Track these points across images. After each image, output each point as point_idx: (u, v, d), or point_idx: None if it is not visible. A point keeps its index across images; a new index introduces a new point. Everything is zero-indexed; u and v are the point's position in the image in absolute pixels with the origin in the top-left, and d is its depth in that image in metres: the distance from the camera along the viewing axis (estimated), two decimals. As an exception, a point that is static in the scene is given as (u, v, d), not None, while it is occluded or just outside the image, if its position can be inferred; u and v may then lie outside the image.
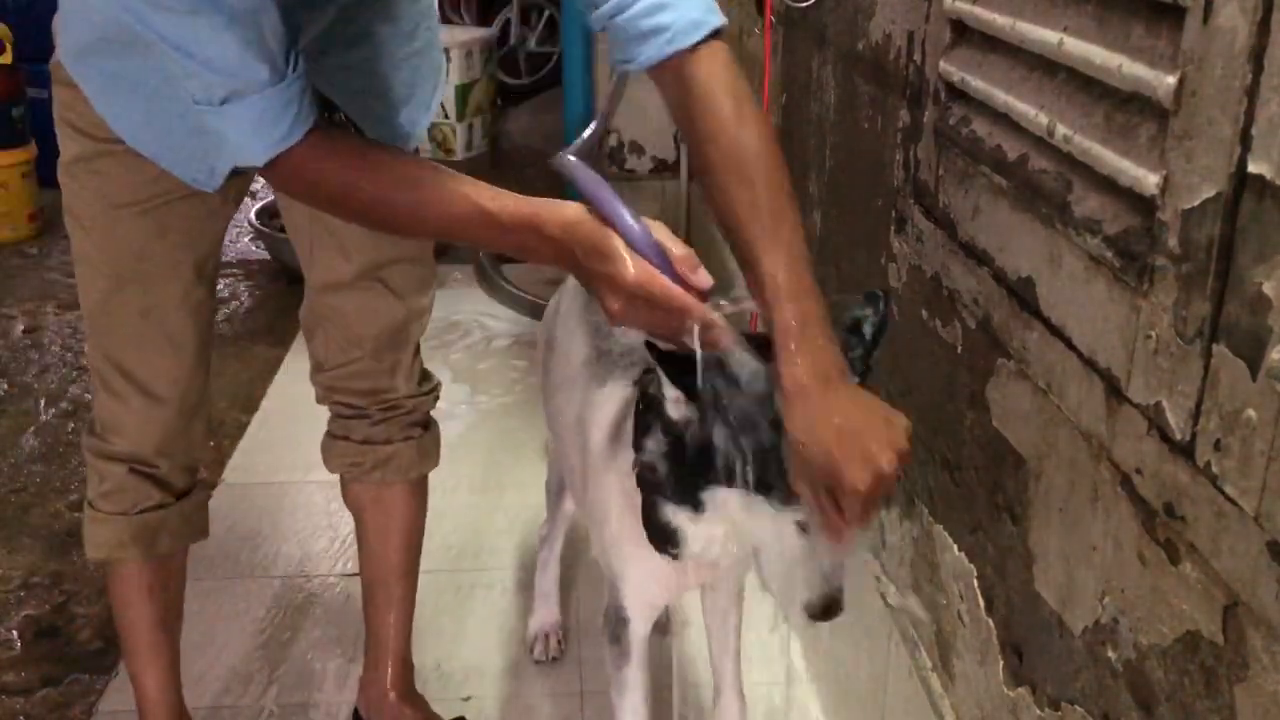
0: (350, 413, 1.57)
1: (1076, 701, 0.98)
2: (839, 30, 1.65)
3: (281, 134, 1.09)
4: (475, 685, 1.86)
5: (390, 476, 1.59)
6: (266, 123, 1.08)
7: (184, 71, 1.06)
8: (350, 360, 1.52)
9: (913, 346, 1.35)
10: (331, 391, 1.57)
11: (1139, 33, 0.80)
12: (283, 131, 1.09)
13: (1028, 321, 1.00)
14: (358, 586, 2.10)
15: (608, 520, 1.30)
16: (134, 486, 1.42)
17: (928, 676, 1.35)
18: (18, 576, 2.14)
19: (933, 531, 1.32)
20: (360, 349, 1.51)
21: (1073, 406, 0.92)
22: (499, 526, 2.30)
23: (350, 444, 1.58)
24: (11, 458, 2.58)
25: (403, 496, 1.64)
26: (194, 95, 1.07)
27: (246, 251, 3.85)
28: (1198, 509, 0.75)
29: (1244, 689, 0.73)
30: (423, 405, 1.60)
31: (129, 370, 1.37)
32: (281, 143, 1.09)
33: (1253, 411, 0.68)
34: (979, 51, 1.11)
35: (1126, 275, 0.82)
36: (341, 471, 1.61)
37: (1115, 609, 0.90)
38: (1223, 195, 0.70)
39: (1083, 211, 0.88)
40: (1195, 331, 0.74)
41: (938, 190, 1.22)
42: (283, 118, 1.08)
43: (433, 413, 1.65)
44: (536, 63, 5.88)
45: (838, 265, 1.70)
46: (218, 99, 1.06)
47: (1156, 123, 0.78)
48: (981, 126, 1.09)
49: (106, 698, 1.82)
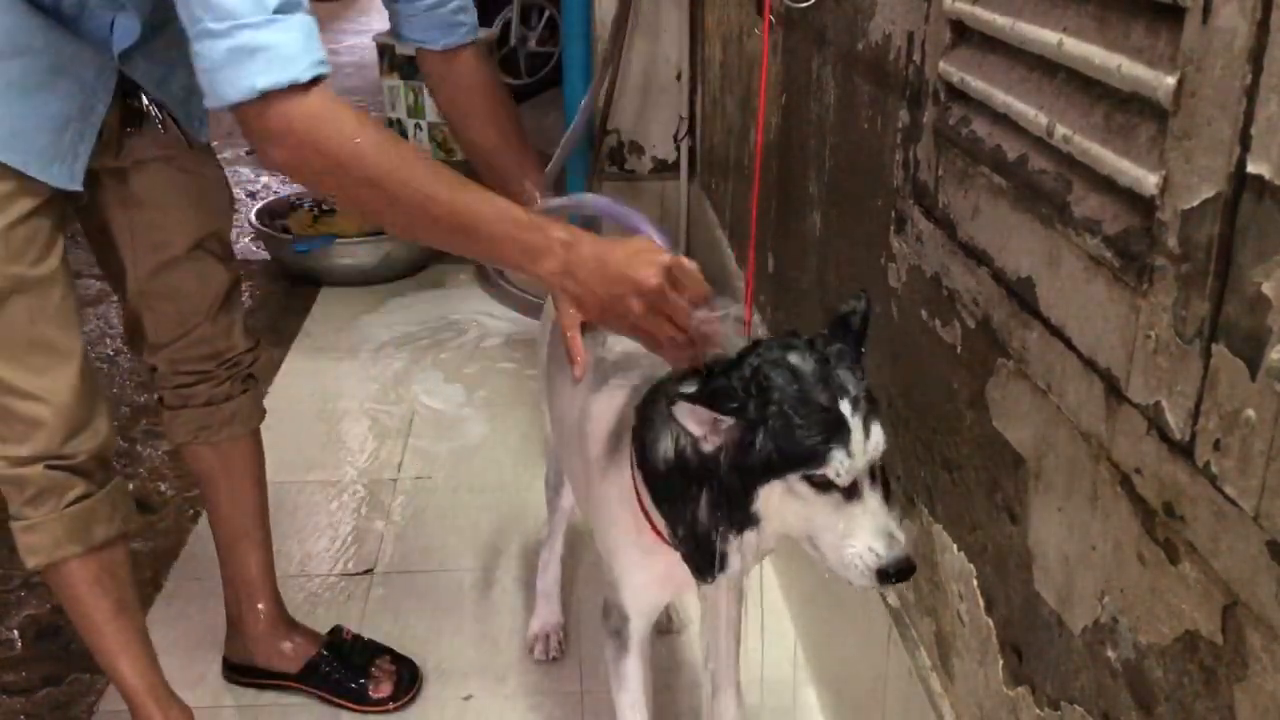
0: (192, 379, 1.64)
1: (1076, 701, 0.98)
2: (839, 30, 1.65)
3: (321, 55, 1.08)
4: (475, 685, 1.86)
5: (238, 430, 1.70)
6: (314, 36, 1.07)
7: None
8: (190, 329, 1.59)
9: (912, 346, 1.36)
10: (175, 364, 1.63)
11: (1139, 33, 0.80)
12: (320, 53, 1.08)
13: (1027, 321, 1.00)
14: (358, 586, 2.10)
15: (609, 525, 1.30)
16: (56, 483, 1.42)
17: (927, 676, 1.35)
18: (18, 576, 2.14)
19: (932, 531, 1.32)
20: (199, 315, 1.59)
21: (1072, 406, 0.92)
22: (499, 527, 2.30)
23: (194, 410, 1.66)
24: (12, 458, 2.59)
25: (249, 446, 1.75)
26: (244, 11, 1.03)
27: (246, 251, 3.85)
28: (1197, 509, 0.75)
29: (1243, 689, 0.73)
30: (258, 357, 1.71)
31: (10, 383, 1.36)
32: (322, 64, 1.08)
33: (1252, 411, 0.68)
34: (979, 52, 1.11)
35: (1126, 275, 0.82)
36: (189, 439, 1.68)
37: (1115, 609, 0.90)
38: (1222, 195, 0.70)
39: (1082, 211, 0.88)
40: (1195, 331, 0.74)
41: (937, 190, 1.22)
42: (318, 41, 1.09)
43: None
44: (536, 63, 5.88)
45: (838, 265, 1.70)
46: (271, 7, 1.04)
47: (1156, 123, 0.78)
48: (981, 127, 1.09)
49: (107, 697, 1.82)
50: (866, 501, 1.05)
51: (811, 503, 1.06)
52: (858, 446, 1.03)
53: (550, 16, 5.73)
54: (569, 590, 2.03)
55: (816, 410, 1.03)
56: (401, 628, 1.97)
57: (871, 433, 1.04)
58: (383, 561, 2.18)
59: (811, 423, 1.03)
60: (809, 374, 1.05)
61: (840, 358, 1.08)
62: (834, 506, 1.05)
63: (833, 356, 1.07)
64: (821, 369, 1.06)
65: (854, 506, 1.05)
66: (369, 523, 2.31)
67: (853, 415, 1.03)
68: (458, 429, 2.65)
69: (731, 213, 2.76)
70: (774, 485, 1.06)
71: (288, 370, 2.96)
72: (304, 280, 3.51)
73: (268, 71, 1.05)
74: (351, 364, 3.02)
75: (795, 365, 1.06)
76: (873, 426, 1.04)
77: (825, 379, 1.05)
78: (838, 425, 1.03)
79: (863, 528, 1.05)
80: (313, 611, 2.01)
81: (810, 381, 1.05)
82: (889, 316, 1.44)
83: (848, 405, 1.03)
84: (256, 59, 1.05)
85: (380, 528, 2.28)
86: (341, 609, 2.03)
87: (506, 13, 5.69)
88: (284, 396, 2.81)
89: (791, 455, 1.04)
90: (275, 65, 1.05)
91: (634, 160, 3.40)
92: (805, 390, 1.04)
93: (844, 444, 1.02)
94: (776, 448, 1.04)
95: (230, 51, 1.05)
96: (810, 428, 1.03)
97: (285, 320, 3.26)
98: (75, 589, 1.51)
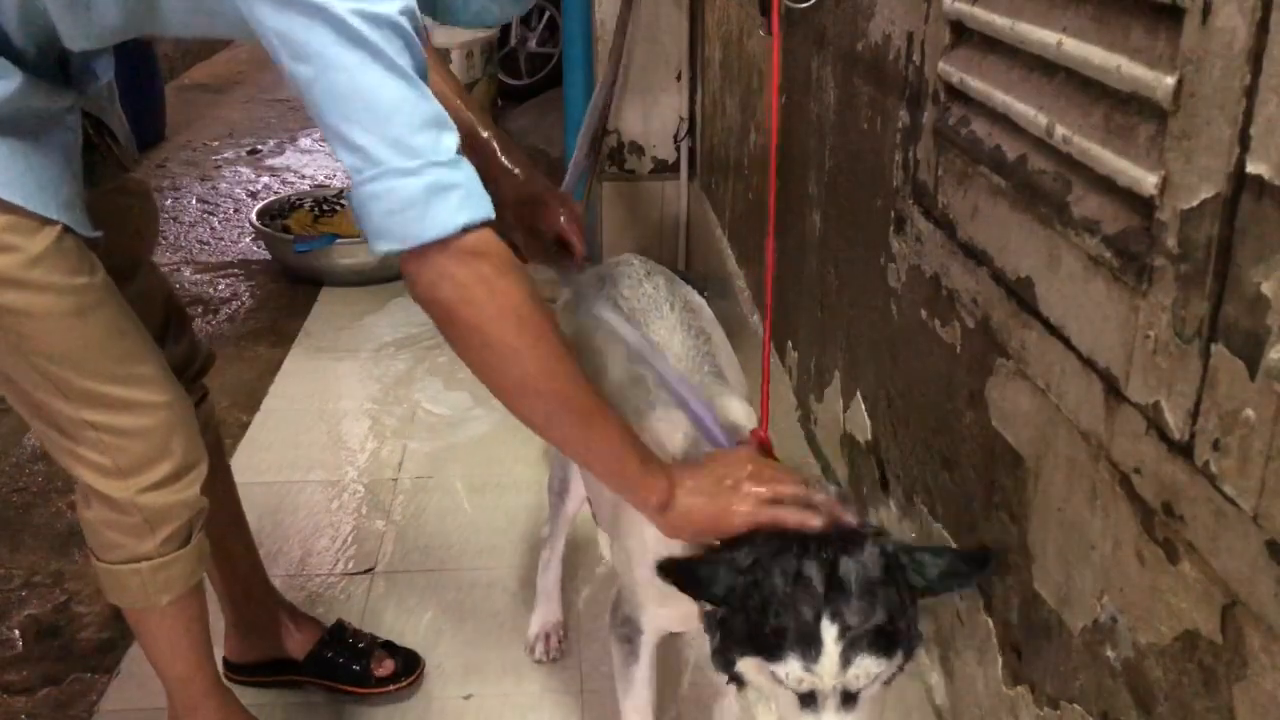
0: None
1: (1076, 700, 0.98)
2: (839, 31, 1.65)
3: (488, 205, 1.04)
4: (475, 685, 1.86)
5: (210, 433, 1.62)
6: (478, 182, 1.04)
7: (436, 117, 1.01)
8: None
9: (912, 346, 1.36)
10: None
11: (1138, 33, 0.81)
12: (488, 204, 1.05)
13: (1027, 321, 1.00)
14: (358, 586, 2.10)
15: (639, 557, 1.27)
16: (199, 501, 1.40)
17: (927, 676, 1.35)
18: (19, 576, 2.14)
19: (931, 531, 1.32)
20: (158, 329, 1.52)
21: (1071, 406, 0.92)
22: (499, 526, 2.30)
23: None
24: (13, 457, 2.59)
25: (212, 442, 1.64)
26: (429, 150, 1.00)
27: (247, 251, 3.85)
28: (1196, 508, 0.75)
29: (1242, 688, 0.73)
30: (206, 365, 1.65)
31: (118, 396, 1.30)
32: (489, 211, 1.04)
33: (1251, 411, 0.68)
34: (978, 52, 1.11)
35: (1125, 275, 0.82)
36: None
37: (1114, 608, 0.90)
38: (1221, 195, 0.70)
39: (1082, 211, 0.88)
40: (1194, 331, 0.74)
41: (937, 190, 1.22)
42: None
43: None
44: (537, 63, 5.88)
45: (837, 265, 1.70)
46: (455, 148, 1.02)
47: (1155, 123, 0.78)
48: (981, 127, 1.09)
49: (108, 697, 1.82)
50: (821, 717, 1.03)
51: (775, 691, 1.06)
52: (825, 670, 1.01)
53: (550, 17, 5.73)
54: (569, 590, 2.03)
55: (792, 618, 1.01)
56: (402, 627, 1.97)
57: (854, 665, 1.01)
58: (383, 561, 2.18)
59: (781, 622, 1.02)
60: (813, 584, 1.03)
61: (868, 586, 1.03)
62: (791, 705, 1.05)
63: (854, 580, 1.03)
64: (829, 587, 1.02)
65: (806, 717, 1.04)
66: (369, 523, 2.31)
67: (834, 641, 1.00)
68: (458, 429, 2.65)
69: (731, 213, 2.76)
70: (748, 659, 1.06)
71: (288, 370, 2.95)
72: (305, 280, 3.51)
73: (465, 208, 1.01)
74: (352, 364, 3.02)
75: (799, 572, 1.03)
76: (858, 659, 1.01)
77: (823, 599, 1.02)
78: (806, 639, 1.01)
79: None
80: (313, 611, 2.01)
81: (807, 592, 1.02)
82: (889, 316, 1.44)
83: (832, 630, 1.01)
84: (452, 196, 1.01)
85: (380, 527, 2.28)
86: (342, 609, 2.03)
87: (507, 13, 5.69)
88: (284, 396, 2.81)
89: (756, 639, 1.04)
90: (471, 202, 1.02)
91: (634, 160, 3.40)
92: (792, 598, 1.02)
93: (804, 658, 1.01)
94: (747, 628, 1.05)
95: (428, 190, 1.00)
96: (778, 629, 1.02)
97: (286, 320, 3.26)
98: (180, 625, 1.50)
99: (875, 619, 1.02)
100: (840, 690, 1.02)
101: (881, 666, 1.02)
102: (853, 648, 1.01)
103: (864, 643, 1.01)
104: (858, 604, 1.02)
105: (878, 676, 1.03)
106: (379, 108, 0.98)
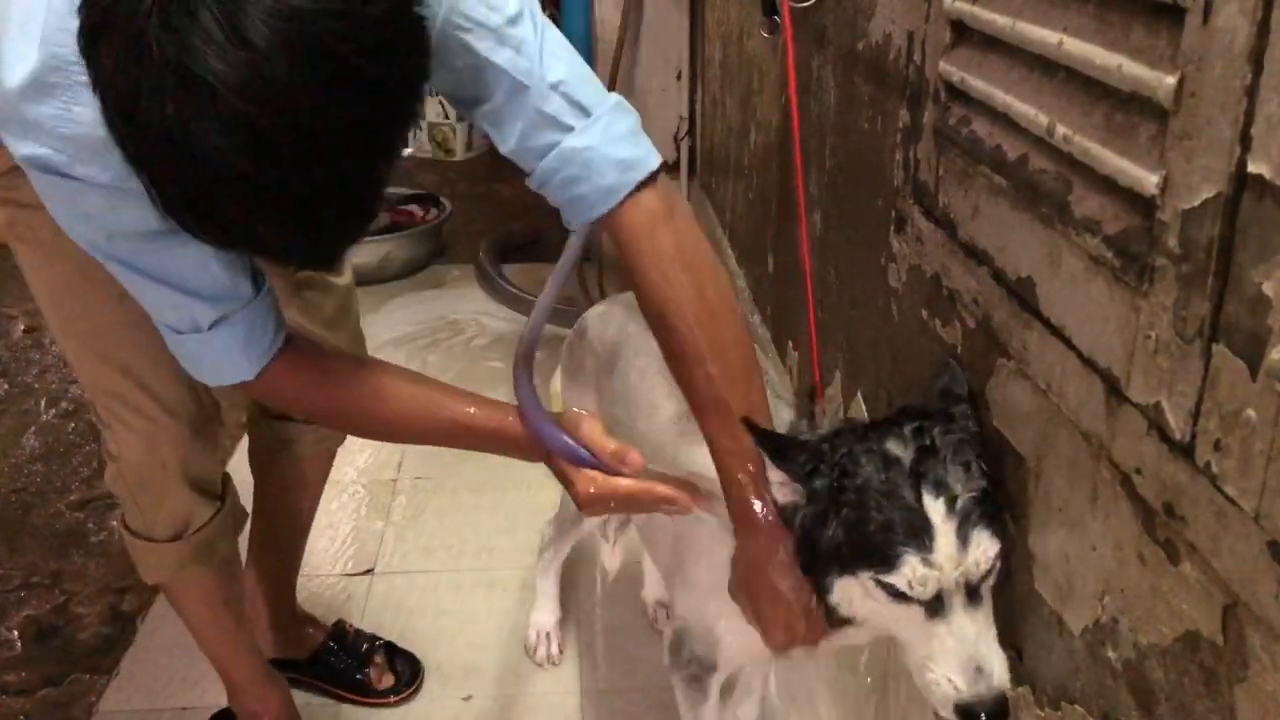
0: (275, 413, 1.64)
1: (1076, 701, 0.98)
2: (839, 30, 1.65)
3: (269, 343, 1.12)
4: (475, 685, 1.86)
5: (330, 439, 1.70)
6: (255, 336, 1.10)
7: (169, 304, 1.06)
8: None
9: (913, 346, 1.35)
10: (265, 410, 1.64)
11: (1139, 33, 0.80)
12: (269, 340, 1.12)
13: (1027, 321, 1.00)
14: (358, 586, 2.10)
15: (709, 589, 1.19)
16: (193, 507, 1.42)
17: (928, 676, 1.35)
18: (18, 576, 2.14)
19: (933, 531, 1.32)
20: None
21: (1072, 406, 0.92)
22: (499, 526, 2.30)
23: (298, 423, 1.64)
24: (12, 457, 2.58)
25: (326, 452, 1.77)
26: (176, 327, 1.08)
27: (247, 251, 3.85)
28: (1197, 509, 0.75)
29: (1244, 689, 0.73)
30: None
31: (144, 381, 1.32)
32: (269, 352, 1.12)
33: (1253, 411, 0.68)
34: (979, 52, 1.11)
35: (1126, 275, 0.82)
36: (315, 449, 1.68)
37: (1115, 609, 0.90)
38: (1223, 195, 0.70)
39: (1082, 211, 0.88)
40: (1195, 331, 0.74)
41: (937, 190, 1.22)
42: (268, 326, 1.11)
43: None
44: (536, 63, 5.87)
45: (838, 265, 1.70)
46: (206, 325, 1.07)
47: (1156, 123, 0.78)
48: (981, 126, 1.09)
49: (107, 697, 1.82)
50: (952, 622, 0.91)
51: (891, 611, 0.93)
52: (943, 557, 0.89)
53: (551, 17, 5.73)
54: (568, 591, 2.03)
55: (897, 506, 0.90)
56: (402, 628, 1.97)
57: (971, 543, 0.90)
58: (382, 561, 2.18)
59: (887, 519, 0.90)
60: (902, 463, 0.92)
61: (957, 449, 0.93)
62: (915, 621, 0.92)
63: (944, 446, 0.93)
64: (920, 460, 0.92)
65: (937, 626, 0.91)
66: (369, 523, 2.31)
67: (945, 519, 0.89)
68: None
69: (732, 213, 2.76)
70: (848, 580, 0.95)
71: (288, 370, 2.95)
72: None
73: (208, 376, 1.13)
74: (351, 364, 3.02)
75: (889, 452, 0.93)
76: (974, 535, 0.90)
77: (921, 472, 0.91)
78: (918, 528, 0.89)
79: (945, 653, 0.90)
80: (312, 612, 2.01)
81: (900, 472, 0.91)
82: (889, 316, 1.44)
83: (940, 506, 0.89)
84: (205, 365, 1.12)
85: (380, 528, 2.28)
86: (341, 609, 2.03)
87: (507, 13, 5.68)
88: (284, 396, 2.81)
89: (859, 552, 0.92)
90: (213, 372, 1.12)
91: (634, 160, 3.40)
92: (891, 481, 0.91)
93: (921, 550, 0.89)
94: (846, 539, 0.92)
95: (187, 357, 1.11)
96: (884, 525, 0.90)
97: (285, 320, 3.26)
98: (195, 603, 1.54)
99: (977, 482, 0.92)
100: (964, 584, 0.91)
101: (998, 544, 0.91)
102: (967, 522, 0.89)
103: (976, 514, 0.90)
104: (956, 470, 0.91)
105: (995, 559, 0.92)
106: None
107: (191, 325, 1.06)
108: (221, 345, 1.08)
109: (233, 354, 1.09)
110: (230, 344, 1.08)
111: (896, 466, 0.92)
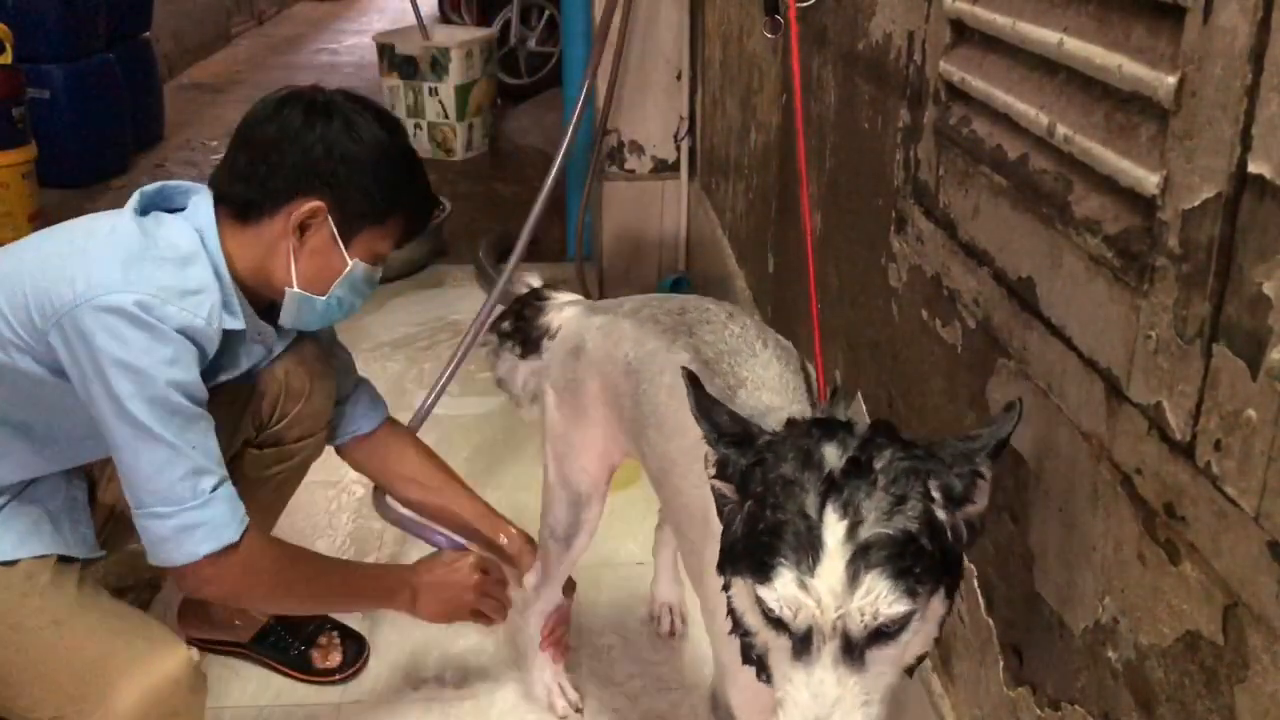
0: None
1: (1077, 702, 0.98)
2: (839, 30, 1.65)
3: (244, 511, 1.33)
4: (475, 686, 1.86)
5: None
6: (237, 501, 1.32)
7: (194, 469, 1.26)
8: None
9: (913, 346, 1.35)
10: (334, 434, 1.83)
11: (1139, 33, 0.80)
12: (244, 508, 1.33)
13: (1028, 321, 1.00)
14: (358, 586, 2.10)
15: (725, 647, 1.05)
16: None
17: (928, 677, 1.35)
18: (18, 576, 2.14)
19: (933, 531, 1.32)
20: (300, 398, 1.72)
21: (1073, 406, 0.92)
22: (499, 526, 2.29)
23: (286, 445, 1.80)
24: (11, 458, 2.58)
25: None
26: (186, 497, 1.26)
27: (246, 251, 3.85)
28: (1198, 509, 0.75)
29: (1244, 689, 0.73)
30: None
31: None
32: (245, 519, 1.32)
33: (1253, 411, 0.68)
34: (979, 51, 1.10)
35: (1127, 275, 0.82)
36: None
37: (1115, 609, 0.90)
38: (1223, 195, 0.70)
39: (1083, 211, 0.88)
40: (1195, 331, 0.74)
41: (938, 190, 1.22)
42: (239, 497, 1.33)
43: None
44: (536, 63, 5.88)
45: (838, 265, 1.70)
46: (210, 488, 1.28)
47: (1157, 123, 0.78)
48: (981, 126, 1.09)
49: (107, 698, 1.82)
50: (814, 673, 0.77)
51: (765, 636, 0.83)
52: (824, 586, 0.76)
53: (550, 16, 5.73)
54: (569, 590, 2.02)
55: (794, 511, 0.78)
56: (401, 629, 1.97)
57: (862, 585, 0.76)
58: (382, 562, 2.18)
59: (777, 521, 0.79)
60: (822, 468, 0.80)
61: (899, 478, 0.80)
62: (782, 657, 0.80)
63: (885, 469, 0.80)
64: (846, 472, 0.79)
65: (797, 670, 0.78)
66: (369, 523, 2.30)
67: (840, 543, 0.77)
68: (456, 429, 2.65)
69: (732, 213, 2.76)
70: (738, 584, 0.84)
71: (288, 370, 2.95)
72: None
73: (208, 540, 1.29)
74: (351, 364, 3.02)
75: (816, 454, 0.81)
76: (868, 578, 0.76)
77: (837, 484, 0.78)
78: (805, 543, 0.77)
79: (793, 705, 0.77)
80: (313, 612, 2.02)
81: (815, 476, 0.79)
82: (890, 316, 1.44)
83: (839, 527, 0.77)
84: (197, 532, 1.29)
85: (380, 528, 2.28)
86: (341, 609, 2.02)
87: (506, 13, 5.69)
88: (284, 396, 2.81)
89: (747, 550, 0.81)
90: (207, 537, 1.29)
91: (634, 160, 3.40)
92: (800, 483, 0.79)
93: (800, 569, 0.77)
94: (742, 534, 0.82)
95: (175, 530, 1.28)
96: (773, 527, 0.79)
97: (285, 320, 3.26)
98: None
99: (903, 523, 0.77)
100: (842, 631, 0.77)
101: (900, 604, 0.77)
102: (863, 558, 0.76)
103: (880, 555, 0.76)
104: (880, 499, 0.78)
105: (892, 622, 0.78)
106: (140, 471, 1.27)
107: (200, 489, 1.27)
108: (219, 508, 1.29)
109: (225, 515, 1.29)
110: (223, 505, 1.29)
111: (814, 470, 0.79)
